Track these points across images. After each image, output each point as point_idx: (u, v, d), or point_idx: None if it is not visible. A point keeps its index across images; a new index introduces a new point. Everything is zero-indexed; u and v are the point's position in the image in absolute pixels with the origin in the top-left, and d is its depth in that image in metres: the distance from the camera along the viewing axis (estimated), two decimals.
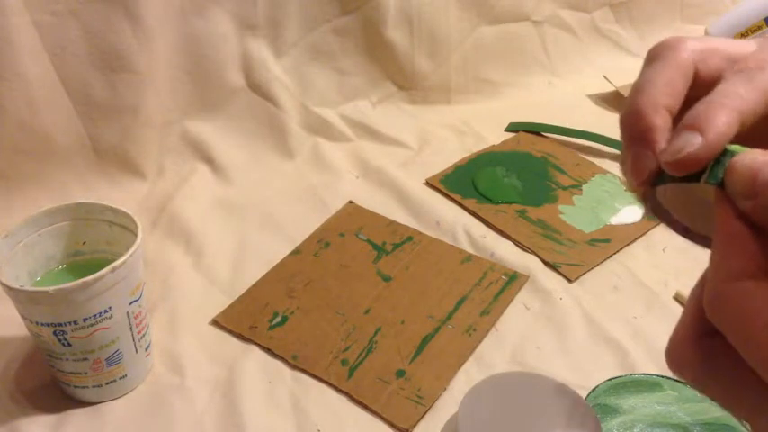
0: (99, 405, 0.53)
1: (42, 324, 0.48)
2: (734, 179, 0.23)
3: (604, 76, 0.98)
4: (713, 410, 0.51)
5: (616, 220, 0.73)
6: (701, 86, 0.26)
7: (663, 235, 0.71)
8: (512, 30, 0.98)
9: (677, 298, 0.64)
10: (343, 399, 0.55)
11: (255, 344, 0.59)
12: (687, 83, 0.26)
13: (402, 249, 0.69)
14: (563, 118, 0.90)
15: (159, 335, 0.59)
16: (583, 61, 1.05)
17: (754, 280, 0.22)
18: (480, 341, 0.60)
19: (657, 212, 0.26)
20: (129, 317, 0.51)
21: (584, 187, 0.79)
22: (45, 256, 0.55)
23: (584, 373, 0.56)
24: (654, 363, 0.57)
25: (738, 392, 0.23)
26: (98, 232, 0.55)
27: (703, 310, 0.23)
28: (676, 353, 0.24)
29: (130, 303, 0.51)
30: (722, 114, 0.23)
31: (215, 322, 0.61)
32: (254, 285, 0.65)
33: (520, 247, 0.70)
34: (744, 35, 0.80)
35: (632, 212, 0.75)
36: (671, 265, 0.68)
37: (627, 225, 0.73)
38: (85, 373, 0.51)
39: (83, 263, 0.56)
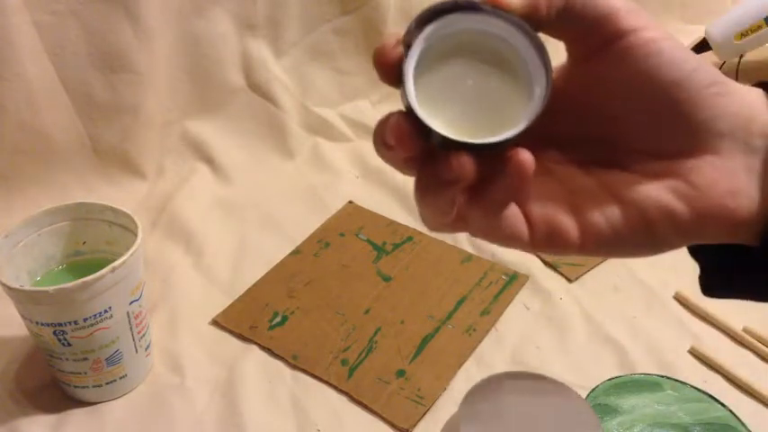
0: (99, 405, 0.54)
1: (42, 324, 0.48)
2: None
3: None
4: (713, 410, 0.51)
5: None
6: None
7: None
8: None
9: (677, 298, 0.64)
10: (343, 399, 0.55)
11: (255, 344, 0.59)
12: None
13: (402, 249, 0.69)
14: None
15: (159, 335, 0.59)
16: None
17: None
18: (480, 341, 0.60)
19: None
20: (129, 317, 0.51)
21: None
22: (45, 256, 0.55)
23: (584, 373, 0.56)
24: (654, 363, 0.57)
25: None
26: (98, 232, 0.55)
27: None
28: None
29: (130, 303, 0.51)
30: None
31: (215, 322, 0.61)
32: (254, 285, 0.65)
33: None
34: (744, 35, 0.80)
35: None
36: (671, 265, 0.68)
37: None
38: (85, 373, 0.51)
39: (83, 263, 0.56)
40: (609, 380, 0.52)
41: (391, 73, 0.26)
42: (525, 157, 0.25)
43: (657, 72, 0.26)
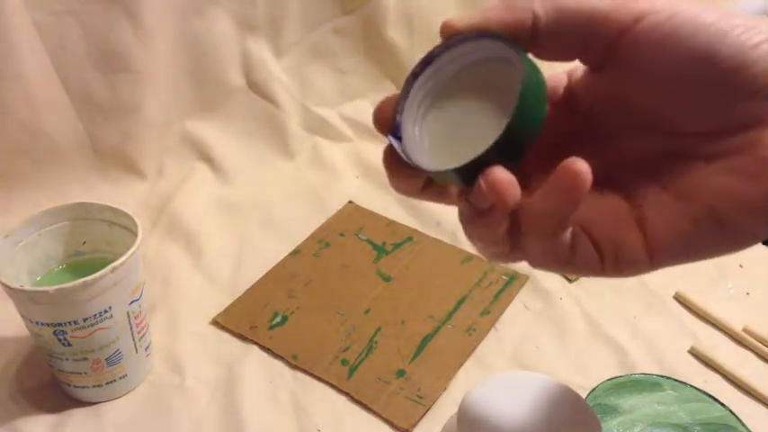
0: (99, 405, 0.54)
1: (42, 324, 0.48)
2: None
3: None
4: (713, 410, 0.51)
5: None
6: None
7: None
8: None
9: (677, 298, 0.64)
10: (343, 399, 0.55)
11: (255, 344, 0.59)
12: None
13: (402, 249, 0.69)
14: None
15: (159, 335, 0.59)
16: None
17: None
18: (480, 341, 0.60)
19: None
20: (129, 317, 0.51)
21: None
22: (45, 256, 0.55)
23: (584, 373, 0.56)
24: (654, 363, 0.57)
25: None
26: (98, 232, 0.55)
27: None
28: None
29: (130, 303, 0.51)
30: None
31: (215, 322, 0.61)
32: (254, 285, 0.65)
33: None
34: None
35: None
36: None
37: None
38: (85, 373, 0.51)
39: (83, 263, 0.56)
40: (609, 380, 0.52)
41: (387, 128, 0.27)
42: (579, 166, 0.23)
43: (683, 54, 0.23)
